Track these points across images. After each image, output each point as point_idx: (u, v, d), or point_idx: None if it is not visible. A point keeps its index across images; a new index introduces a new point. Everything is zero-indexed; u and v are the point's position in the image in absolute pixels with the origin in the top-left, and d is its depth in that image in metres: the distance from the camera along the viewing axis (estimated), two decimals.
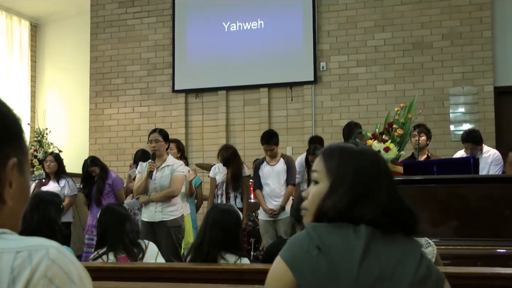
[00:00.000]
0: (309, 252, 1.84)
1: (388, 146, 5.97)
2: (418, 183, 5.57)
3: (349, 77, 10.67)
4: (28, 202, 1.32)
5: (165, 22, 11.71)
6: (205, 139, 11.32)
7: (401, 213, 1.94)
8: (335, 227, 1.89)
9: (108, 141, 11.84)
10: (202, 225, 4.31)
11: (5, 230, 1.14)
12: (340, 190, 1.95)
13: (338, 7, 10.82)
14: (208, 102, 11.41)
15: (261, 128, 10.74)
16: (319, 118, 10.76)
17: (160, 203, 6.85)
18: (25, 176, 1.28)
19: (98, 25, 12.12)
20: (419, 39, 10.32)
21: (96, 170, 8.46)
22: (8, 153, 1.22)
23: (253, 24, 11.19)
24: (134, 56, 11.86)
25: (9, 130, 1.24)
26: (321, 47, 10.84)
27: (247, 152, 10.67)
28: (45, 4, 12.65)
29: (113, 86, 11.93)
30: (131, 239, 4.71)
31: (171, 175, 6.87)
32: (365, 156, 2.03)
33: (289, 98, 10.99)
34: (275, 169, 7.88)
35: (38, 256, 1.07)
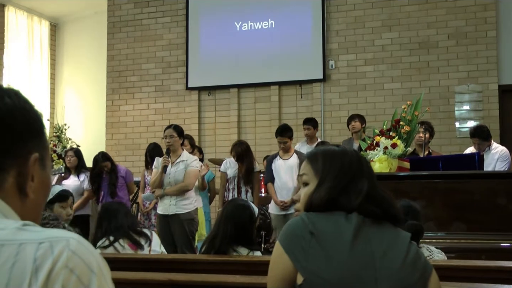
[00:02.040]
0: (303, 237, 2.00)
1: (395, 143, 6.09)
2: (423, 179, 5.67)
3: (357, 75, 10.82)
4: (48, 195, 1.34)
5: (179, 22, 11.88)
6: (218, 135, 11.48)
7: (383, 202, 2.13)
8: (328, 214, 2.08)
9: (124, 136, 12.03)
10: (217, 219, 4.42)
11: (27, 222, 1.15)
12: (325, 185, 2.15)
13: (346, 8, 10.96)
14: (221, 99, 11.59)
15: (271, 125, 10.96)
16: (328, 115, 10.93)
17: (174, 196, 7.01)
18: (46, 171, 1.29)
19: (115, 25, 12.30)
20: (425, 38, 10.45)
21: (108, 165, 8.66)
22: (30, 149, 1.24)
23: (264, 24, 11.37)
24: (149, 54, 12.03)
25: (31, 126, 1.25)
26: (330, 46, 11.01)
27: (258, 148, 10.82)
28: (64, 5, 12.87)
29: (129, 84, 12.11)
30: (133, 228, 4.87)
31: (185, 170, 7.03)
32: (346, 155, 2.24)
33: (298, 96, 11.16)
34: (288, 163, 8.01)
35: (59, 247, 1.08)
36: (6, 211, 1.19)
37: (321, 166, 2.23)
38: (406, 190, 5.65)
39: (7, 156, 1.21)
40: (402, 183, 5.79)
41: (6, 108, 1.21)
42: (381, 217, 2.11)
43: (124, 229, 4.82)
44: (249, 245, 4.25)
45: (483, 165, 6.41)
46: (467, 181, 5.52)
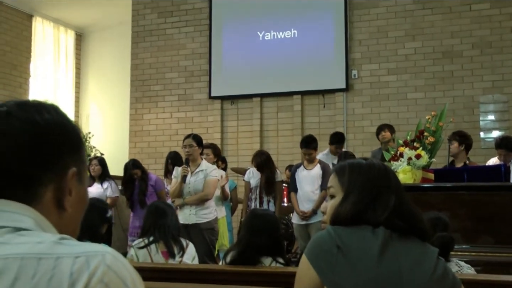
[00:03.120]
0: (329, 250, 2.00)
1: (419, 153, 6.05)
2: (448, 190, 5.63)
3: (380, 85, 10.79)
4: (85, 209, 1.36)
5: (202, 32, 11.95)
6: (240, 144, 11.50)
7: (410, 217, 2.12)
8: (354, 228, 2.08)
9: (147, 145, 12.08)
10: (244, 230, 4.39)
11: (64, 236, 1.16)
12: (351, 198, 2.15)
13: (369, 17, 10.97)
14: (243, 109, 11.62)
15: (293, 134, 10.97)
16: (351, 125, 10.90)
17: (194, 206, 7.00)
18: (83, 185, 1.31)
19: (139, 34, 12.39)
20: (449, 48, 10.41)
21: (138, 172, 8.62)
22: (69, 163, 1.25)
23: (286, 33, 11.39)
24: (172, 64, 12.10)
25: (69, 141, 1.27)
26: (352, 55, 11.00)
27: (280, 157, 10.81)
28: (90, 15, 13.05)
29: (152, 93, 12.18)
30: (173, 234, 4.85)
31: (204, 179, 7.02)
32: (373, 168, 2.23)
33: (321, 105, 11.15)
34: (311, 173, 8.00)
35: (95, 261, 1.09)
36: (44, 224, 1.21)
37: (347, 179, 2.23)
38: (430, 202, 5.62)
39: (46, 170, 1.22)
40: (426, 194, 5.76)
41: (45, 123, 1.23)
42: (408, 231, 2.10)
43: (165, 230, 4.82)
44: (274, 254, 4.25)
45: (510, 177, 6.33)
46: (493, 192, 5.44)
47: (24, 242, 1.12)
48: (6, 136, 1.20)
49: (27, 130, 1.21)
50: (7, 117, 1.22)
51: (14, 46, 12.30)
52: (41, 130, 1.22)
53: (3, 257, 1.10)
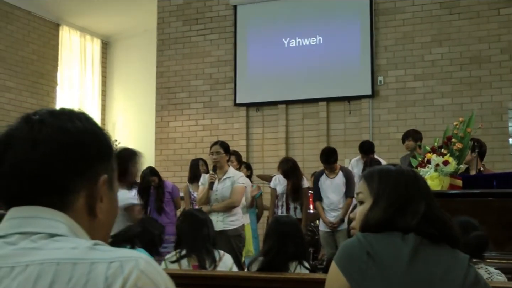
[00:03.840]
0: (359, 257, 2.01)
1: (447, 160, 6.00)
2: (476, 197, 5.55)
3: (406, 91, 10.74)
4: (116, 216, 1.39)
5: (227, 39, 11.98)
6: (265, 151, 11.51)
7: (441, 223, 2.11)
8: (384, 234, 2.07)
9: (173, 152, 12.12)
10: (272, 237, 4.38)
11: (98, 242, 1.18)
12: (380, 204, 2.14)
13: (395, 23, 10.93)
14: (268, 116, 11.62)
15: (319, 141, 10.95)
16: (377, 132, 10.86)
17: (221, 213, 6.97)
18: (114, 192, 1.34)
19: (164, 42, 12.44)
20: (477, 53, 10.33)
21: (156, 180, 8.61)
22: (100, 171, 1.28)
23: (312, 40, 11.39)
24: (197, 71, 12.14)
25: (101, 148, 1.30)
26: (378, 62, 10.97)
27: (306, 164, 10.76)
28: (115, 23, 13.18)
29: (177, 100, 12.22)
30: (207, 247, 4.74)
31: (232, 186, 7.01)
32: (402, 174, 2.23)
33: (347, 112, 11.12)
34: (334, 182, 8.04)
35: (129, 266, 1.12)
36: (78, 230, 1.23)
37: (376, 185, 2.22)
38: (458, 208, 5.55)
39: (78, 177, 1.24)
40: (453, 201, 5.70)
41: (77, 131, 1.25)
42: (438, 238, 2.09)
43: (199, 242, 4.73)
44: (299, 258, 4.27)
45: None
46: None
47: (59, 248, 1.15)
48: (39, 144, 1.22)
49: (59, 138, 1.23)
50: (40, 125, 1.24)
51: (42, 55, 12.44)
52: (73, 138, 1.24)
53: (39, 262, 1.12)
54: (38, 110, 1.31)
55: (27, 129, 1.24)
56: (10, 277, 1.12)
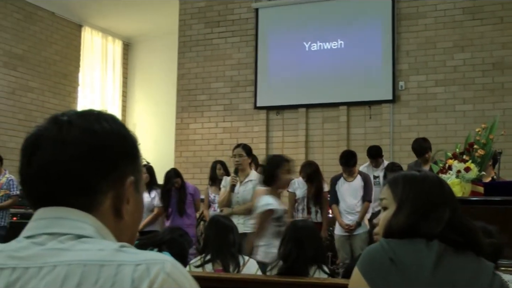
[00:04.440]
0: (382, 263, 2.00)
1: (468, 166, 5.96)
2: (498, 204, 5.46)
3: (428, 97, 10.68)
4: (141, 218, 1.39)
5: (248, 42, 12.00)
6: (285, 154, 11.48)
7: (465, 230, 2.09)
8: (407, 241, 2.05)
9: (193, 154, 12.14)
10: (290, 241, 4.40)
11: (124, 244, 1.19)
12: (404, 210, 2.12)
13: (417, 28, 10.88)
14: (289, 119, 11.60)
15: (339, 145, 10.91)
16: (397, 137, 10.81)
17: (242, 215, 6.95)
18: (140, 194, 1.34)
19: (185, 44, 12.47)
20: (500, 59, 10.25)
21: (179, 181, 8.66)
22: (126, 172, 1.27)
23: (333, 44, 11.36)
24: (218, 73, 12.16)
25: (127, 151, 1.30)
26: (400, 67, 10.92)
27: (325, 168, 10.66)
28: (137, 25, 13.27)
29: (198, 102, 12.24)
30: (232, 252, 4.78)
31: (253, 189, 6.96)
32: (427, 180, 2.20)
33: (367, 116, 11.09)
34: (352, 185, 8.04)
35: (155, 269, 1.12)
36: (104, 232, 1.23)
37: (400, 190, 2.20)
38: (479, 215, 5.50)
39: (105, 179, 1.24)
40: (474, 207, 5.66)
41: (104, 133, 1.26)
42: (463, 245, 2.07)
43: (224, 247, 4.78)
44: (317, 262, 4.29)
45: None
46: None
47: (86, 249, 1.15)
48: (67, 145, 1.22)
49: (86, 139, 1.23)
50: (68, 126, 1.25)
51: (64, 56, 12.54)
52: (100, 139, 1.25)
53: (67, 263, 1.13)
54: (66, 111, 1.31)
55: (55, 130, 1.24)
56: (38, 277, 1.13)
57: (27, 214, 9.92)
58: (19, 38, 11.61)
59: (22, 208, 9.94)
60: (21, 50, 11.64)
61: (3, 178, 9.10)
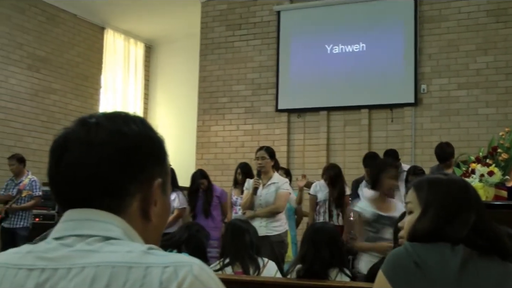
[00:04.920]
0: (407, 267, 1.99)
1: (492, 170, 5.91)
2: None
3: (450, 100, 10.62)
4: (168, 220, 1.40)
5: (270, 45, 11.99)
6: (306, 157, 11.46)
7: (491, 235, 2.07)
8: (432, 245, 2.04)
9: (214, 156, 12.16)
10: (308, 244, 4.42)
11: (152, 246, 1.19)
12: (429, 214, 2.11)
13: (440, 31, 10.82)
14: (310, 122, 11.59)
15: (360, 149, 10.87)
16: (419, 140, 10.76)
17: (265, 218, 6.97)
18: (167, 196, 1.34)
19: (207, 47, 12.49)
20: None
21: (205, 182, 8.69)
22: (154, 174, 1.28)
23: (355, 47, 11.34)
24: (239, 76, 12.18)
25: (155, 152, 1.30)
26: (422, 69, 10.87)
27: (347, 172, 10.58)
28: (159, 27, 13.31)
29: (219, 105, 12.26)
30: (250, 254, 4.80)
31: (276, 192, 7.02)
32: (452, 184, 2.20)
33: (389, 120, 11.06)
34: None
35: (183, 271, 1.12)
36: (132, 234, 1.23)
37: (425, 194, 2.19)
38: (503, 219, 5.47)
39: (133, 181, 1.25)
40: (498, 212, 5.62)
41: (133, 135, 1.26)
42: (489, 250, 2.05)
43: (241, 250, 4.80)
44: (340, 266, 4.29)
45: None
46: None
47: (114, 251, 1.16)
48: (95, 147, 1.23)
49: (114, 141, 1.24)
50: (96, 128, 1.25)
51: (87, 58, 12.61)
52: (129, 141, 1.25)
53: (95, 264, 1.13)
54: (94, 113, 1.32)
55: (84, 132, 1.25)
56: (67, 279, 1.14)
57: (49, 215, 10.01)
58: (42, 41, 11.69)
59: (44, 209, 10.04)
60: (44, 52, 11.72)
61: (26, 179, 9.17)
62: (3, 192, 9.20)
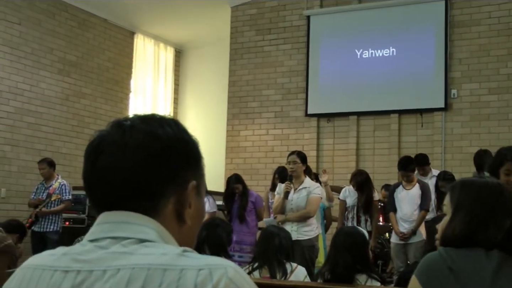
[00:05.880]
0: (441, 272, 1.97)
1: None
2: None
3: (480, 105, 10.55)
4: (202, 222, 1.39)
5: (300, 49, 11.99)
6: (336, 162, 11.43)
7: None
8: (467, 250, 2.02)
9: (243, 161, 12.17)
10: (331, 248, 4.43)
11: (187, 248, 1.19)
12: (457, 217, 2.10)
13: (470, 35, 10.76)
14: (339, 127, 11.57)
15: (390, 153, 10.85)
16: (449, 145, 10.70)
17: (296, 222, 6.96)
18: (201, 198, 1.34)
19: (237, 51, 12.54)
20: None
21: (240, 187, 8.68)
22: (189, 176, 1.28)
23: (385, 52, 11.31)
24: (269, 81, 12.19)
25: (190, 154, 1.31)
26: (452, 74, 10.81)
27: (376, 176, 10.60)
28: (189, 32, 13.37)
29: (249, 109, 12.30)
30: (277, 258, 4.78)
31: (307, 197, 7.01)
32: (486, 187, 2.16)
33: (419, 124, 10.99)
34: (410, 193, 7.91)
35: (218, 274, 1.12)
36: (166, 237, 1.24)
37: (456, 196, 2.18)
38: None
39: (168, 183, 1.25)
40: None
41: (167, 138, 1.27)
42: None
43: (270, 254, 4.80)
44: (367, 271, 4.25)
45: None
46: None
47: (149, 253, 1.16)
48: (130, 149, 1.23)
49: (150, 144, 1.24)
50: (131, 131, 1.25)
51: (117, 63, 12.69)
52: (164, 143, 1.25)
53: (130, 266, 1.14)
54: (129, 116, 1.32)
55: (119, 134, 1.26)
56: (102, 280, 1.14)
57: (79, 219, 10.08)
58: (73, 45, 11.78)
59: (74, 213, 10.10)
60: (75, 57, 11.81)
61: (55, 183, 9.22)
62: (34, 196, 9.27)
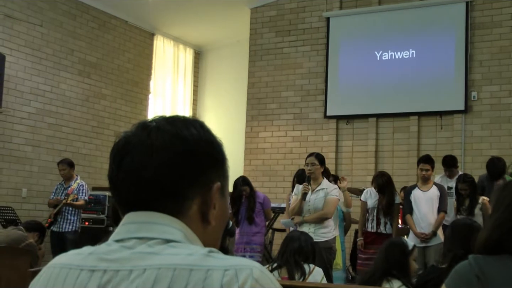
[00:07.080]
0: (469, 281, 1.96)
1: None
2: None
3: (501, 107, 10.50)
4: (226, 223, 1.39)
5: (319, 51, 11.99)
6: (354, 164, 11.43)
7: None
8: (496, 257, 1.99)
9: (262, 162, 12.18)
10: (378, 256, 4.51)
11: (212, 249, 1.19)
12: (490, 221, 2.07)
13: (491, 37, 10.70)
14: (358, 129, 11.55)
15: (409, 156, 10.81)
16: (469, 148, 10.65)
17: (313, 224, 6.95)
18: (225, 199, 1.34)
19: (256, 53, 12.55)
20: None
21: (247, 189, 8.70)
22: (213, 178, 1.28)
23: (405, 54, 11.28)
24: (288, 82, 12.19)
25: (214, 157, 1.30)
26: (472, 76, 10.76)
27: (395, 179, 10.37)
28: (208, 33, 13.42)
29: (268, 111, 12.30)
30: (296, 260, 4.85)
31: (325, 198, 6.98)
32: None
33: (438, 127, 10.96)
34: (427, 195, 7.86)
35: (244, 275, 1.12)
36: (192, 237, 1.24)
37: (495, 199, 2.14)
38: None
39: (193, 185, 1.25)
40: None
41: (192, 139, 1.27)
42: None
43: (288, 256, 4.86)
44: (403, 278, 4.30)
45: None
46: None
47: (175, 254, 1.16)
48: (156, 151, 1.24)
49: (176, 145, 1.25)
50: (157, 132, 1.26)
51: (136, 64, 12.75)
52: (189, 145, 1.26)
53: (156, 267, 1.14)
54: (155, 117, 1.33)
55: (144, 135, 1.26)
56: (128, 280, 1.15)
57: (99, 219, 10.12)
58: (93, 46, 11.85)
59: (94, 213, 10.14)
60: (95, 58, 11.88)
61: (74, 184, 9.23)
62: (53, 196, 9.32)
